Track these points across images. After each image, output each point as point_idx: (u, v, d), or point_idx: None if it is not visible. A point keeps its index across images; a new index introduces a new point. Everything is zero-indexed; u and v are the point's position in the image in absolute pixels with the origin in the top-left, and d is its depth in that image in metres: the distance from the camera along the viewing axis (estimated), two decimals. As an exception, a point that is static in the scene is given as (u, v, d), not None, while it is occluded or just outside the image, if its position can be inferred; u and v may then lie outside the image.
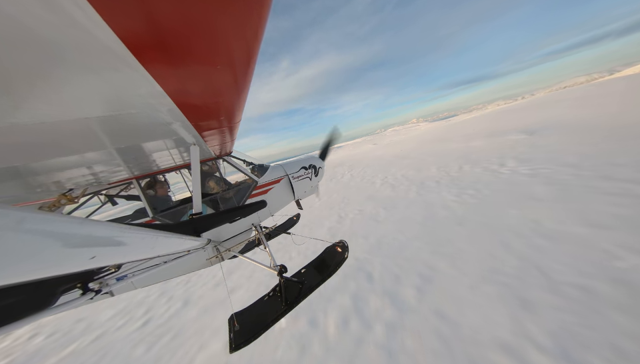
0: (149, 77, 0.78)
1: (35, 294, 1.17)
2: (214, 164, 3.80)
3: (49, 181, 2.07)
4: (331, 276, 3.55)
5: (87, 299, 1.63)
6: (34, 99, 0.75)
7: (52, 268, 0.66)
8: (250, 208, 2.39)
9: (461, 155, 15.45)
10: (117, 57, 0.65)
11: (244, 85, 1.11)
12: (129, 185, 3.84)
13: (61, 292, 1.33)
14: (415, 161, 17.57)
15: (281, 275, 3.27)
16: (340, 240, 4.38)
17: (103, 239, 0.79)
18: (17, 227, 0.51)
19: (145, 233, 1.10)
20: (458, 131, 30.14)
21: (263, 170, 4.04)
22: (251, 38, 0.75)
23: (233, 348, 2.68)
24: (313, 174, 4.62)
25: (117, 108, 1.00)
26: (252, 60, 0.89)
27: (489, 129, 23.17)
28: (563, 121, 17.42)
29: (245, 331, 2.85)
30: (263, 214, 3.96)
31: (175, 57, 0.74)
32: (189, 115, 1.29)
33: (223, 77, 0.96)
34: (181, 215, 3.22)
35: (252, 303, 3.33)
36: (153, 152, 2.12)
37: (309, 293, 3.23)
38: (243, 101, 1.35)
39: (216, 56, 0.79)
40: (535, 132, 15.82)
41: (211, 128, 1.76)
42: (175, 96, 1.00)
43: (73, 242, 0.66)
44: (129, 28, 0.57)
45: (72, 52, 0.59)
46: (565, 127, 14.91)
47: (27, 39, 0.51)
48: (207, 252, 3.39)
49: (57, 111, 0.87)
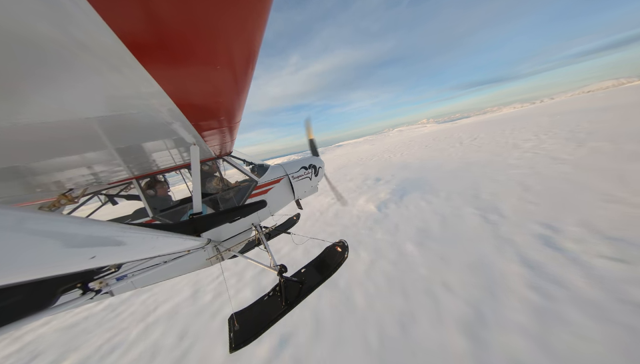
0: (149, 77, 0.78)
1: (35, 294, 1.17)
2: (214, 164, 3.80)
3: (48, 180, 2.07)
4: (330, 276, 3.55)
5: (86, 298, 1.63)
6: (35, 99, 0.75)
7: (52, 268, 0.66)
8: (250, 208, 2.39)
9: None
10: (117, 57, 0.65)
11: (244, 85, 1.11)
12: (129, 185, 3.84)
13: (61, 292, 1.33)
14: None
15: (281, 274, 3.27)
16: (340, 240, 4.38)
17: (103, 238, 0.79)
18: (17, 226, 0.51)
19: (145, 232, 1.10)
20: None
21: (263, 170, 4.04)
22: (251, 38, 0.75)
23: (232, 348, 2.68)
24: (313, 174, 4.61)
25: (117, 108, 1.00)
26: (252, 60, 0.89)
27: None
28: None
29: (245, 330, 2.85)
30: (263, 214, 3.96)
31: (175, 58, 0.74)
32: (189, 114, 1.29)
33: (223, 77, 0.96)
34: (180, 215, 3.22)
35: (252, 303, 3.33)
36: (153, 152, 2.12)
37: (309, 293, 3.22)
38: (243, 101, 1.35)
39: (216, 56, 0.79)
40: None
41: (211, 128, 1.76)
42: (175, 96, 1.00)
43: (73, 242, 0.66)
44: (129, 28, 0.57)
45: (72, 52, 0.59)
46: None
47: (27, 39, 0.51)
48: (207, 252, 3.38)
49: (58, 111, 0.87)
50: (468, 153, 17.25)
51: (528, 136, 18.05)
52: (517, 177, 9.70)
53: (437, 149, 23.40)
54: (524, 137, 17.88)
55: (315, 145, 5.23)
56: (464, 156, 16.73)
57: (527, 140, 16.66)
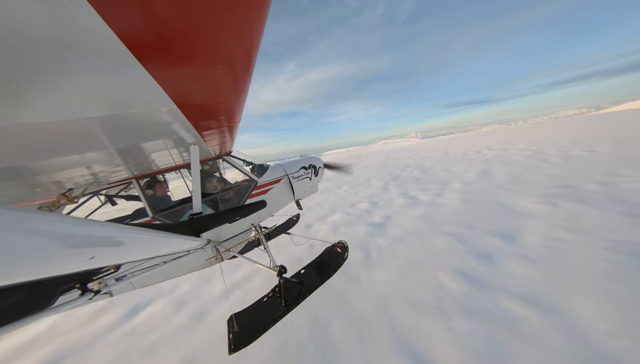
0: (148, 77, 0.78)
1: (34, 294, 1.16)
2: (214, 164, 3.80)
3: (49, 180, 2.07)
4: (330, 277, 3.55)
5: (85, 299, 1.62)
6: (35, 99, 0.75)
7: (51, 268, 0.65)
8: (250, 208, 2.39)
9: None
10: (117, 57, 0.65)
11: (244, 84, 1.11)
12: (128, 185, 3.84)
13: (60, 292, 1.33)
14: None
15: (280, 275, 3.26)
16: (339, 241, 4.38)
17: (103, 239, 0.78)
18: (16, 226, 0.51)
19: (144, 233, 1.10)
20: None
21: (263, 170, 4.03)
22: (250, 38, 0.75)
23: (232, 349, 2.67)
24: (313, 174, 4.62)
25: (117, 108, 1.00)
26: (252, 60, 0.89)
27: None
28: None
29: (244, 331, 2.85)
30: (263, 214, 3.96)
31: (175, 57, 0.74)
32: (188, 114, 1.29)
33: (223, 77, 0.96)
34: (180, 215, 3.22)
35: (251, 304, 3.33)
36: (152, 152, 2.12)
37: (309, 294, 3.22)
38: (243, 100, 1.35)
39: (216, 56, 0.79)
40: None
41: (211, 128, 1.76)
42: (175, 96, 1.00)
43: (73, 242, 0.66)
44: (128, 28, 0.57)
45: (72, 52, 0.59)
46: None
47: (27, 39, 0.51)
48: (207, 252, 3.38)
49: (58, 111, 0.87)
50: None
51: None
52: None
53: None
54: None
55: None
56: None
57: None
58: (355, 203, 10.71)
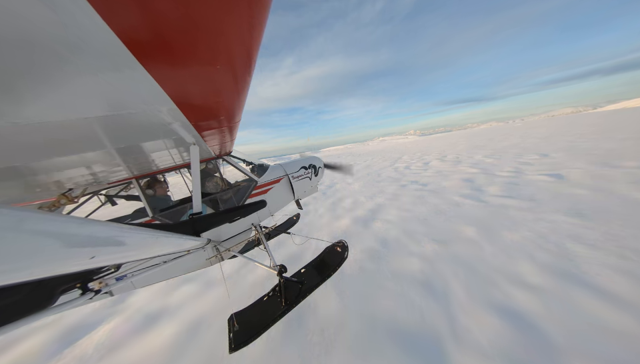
0: (148, 77, 0.78)
1: (34, 294, 1.16)
2: (214, 164, 3.80)
3: (48, 180, 2.07)
4: (330, 276, 3.56)
5: (86, 299, 1.63)
6: (34, 98, 0.75)
7: (51, 268, 0.65)
8: (250, 208, 2.39)
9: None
10: (117, 57, 0.65)
11: (244, 84, 1.11)
12: (128, 185, 3.84)
13: (60, 292, 1.33)
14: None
15: (280, 274, 3.27)
16: (340, 240, 4.38)
17: (103, 238, 0.78)
18: (17, 226, 0.51)
19: (144, 232, 1.10)
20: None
21: (263, 170, 4.04)
22: (251, 37, 0.75)
23: (232, 348, 2.68)
24: (313, 174, 4.62)
25: (116, 108, 1.00)
26: (252, 59, 0.89)
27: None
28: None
29: (244, 331, 2.85)
30: (263, 214, 3.96)
31: (175, 57, 0.74)
32: (188, 114, 1.29)
33: (223, 76, 0.96)
34: (180, 215, 3.22)
35: (252, 303, 3.33)
36: (152, 152, 2.12)
37: (309, 293, 3.23)
38: (243, 100, 1.35)
39: (216, 56, 0.79)
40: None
41: (211, 128, 1.76)
42: (175, 96, 1.00)
43: (73, 242, 0.66)
44: (128, 28, 0.57)
45: (72, 52, 0.59)
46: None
47: (26, 38, 0.51)
48: (207, 252, 3.38)
49: (57, 110, 0.87)
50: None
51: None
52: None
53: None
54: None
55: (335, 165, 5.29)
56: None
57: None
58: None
